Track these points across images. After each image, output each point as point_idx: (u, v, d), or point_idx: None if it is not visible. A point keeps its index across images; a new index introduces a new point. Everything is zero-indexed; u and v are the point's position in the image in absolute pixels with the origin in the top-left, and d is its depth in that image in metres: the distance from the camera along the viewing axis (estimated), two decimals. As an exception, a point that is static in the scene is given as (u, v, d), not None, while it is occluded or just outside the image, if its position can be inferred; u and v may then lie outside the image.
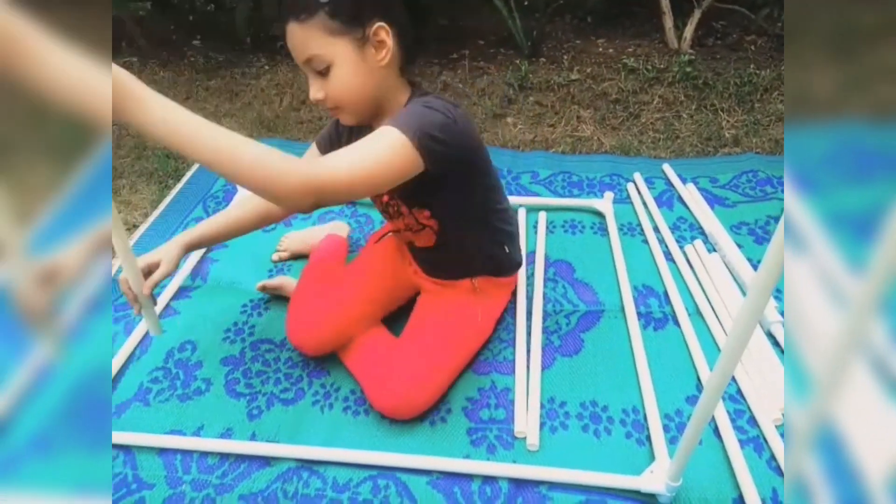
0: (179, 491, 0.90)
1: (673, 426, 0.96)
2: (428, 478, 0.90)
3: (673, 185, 1.57)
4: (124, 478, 0.92)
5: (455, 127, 0.80)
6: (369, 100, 0.85)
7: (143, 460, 0.94)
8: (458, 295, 1.09)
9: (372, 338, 1.08)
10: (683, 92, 2.03)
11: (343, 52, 0.78)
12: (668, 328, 1.14)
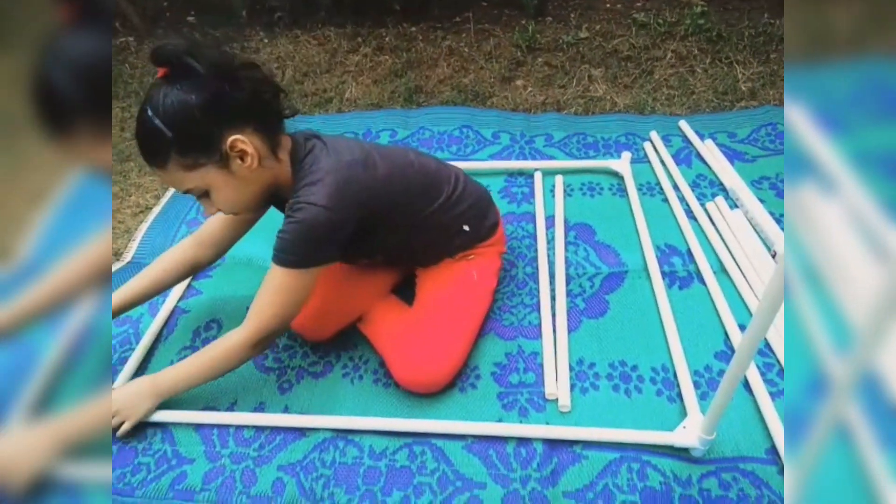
0: (219, 464, 0.91)
1: (703, 382, 0.96)
2: (463, 442, 0.91)
3: (690, 141, 1.54)
4: (164, 454, 0.93)
5: (333, 216, 0.82)
6: (259, 196, 0.87)
7: (181, 436, 0.95)
8: (450, 264, 1.09)
9: (385, 310, 1.09)
10: (697, 45, 1.97)
11: (211, 177, 0.80)
12: (694, 286, 1.13)
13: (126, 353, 1.10)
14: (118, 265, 1.33)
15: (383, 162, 0.91)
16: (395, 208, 0.93)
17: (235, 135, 0.78)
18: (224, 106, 0.76)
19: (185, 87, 0.74)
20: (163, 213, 1.46)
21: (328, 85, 2.01)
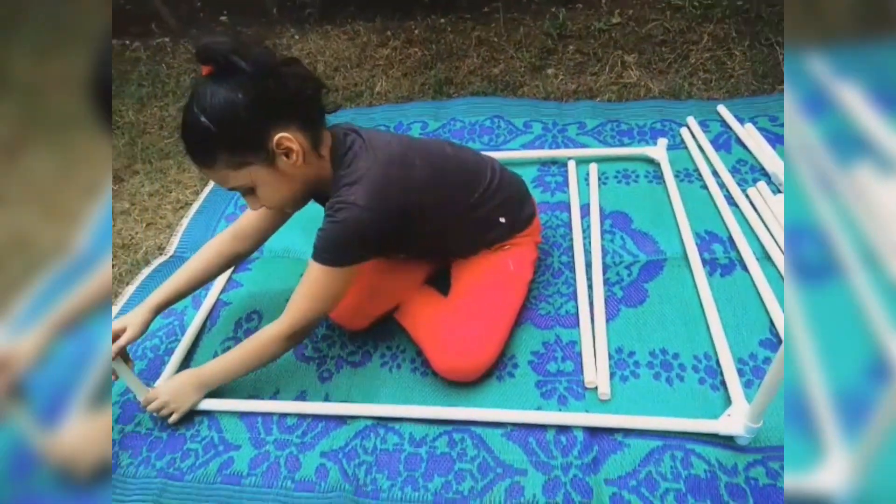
0: (264, 451, 0.94)
1: (748, 370, 0.94)
2: (502, 430, 0.91)
3: (730, 126, 1.50)
4: (211, 440, 0.96)
5: (373, 216, 0.83)
6: (301, 193, 0.89)
7: (227, 424, 0.98)
8: (486, 254, 1.08)
9: (421, 300, 1.09)
10: (734, 27, 1.91)
11: (257, 174, 0.81)
12: (736, 273, 1.10)
13: (172, 344, 1.14)
14: (162, 259, 1.37)
15: (422, 160, 0.91)
16: (433, 206, 0.93)
17: (281, 132, 0.79)
18: (269, 104, 0.77)
19: (230, 86, 0.75)
20: (202, 209, 1.50)
21: (359, 79, 2.02)
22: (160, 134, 1.89)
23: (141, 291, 1.27)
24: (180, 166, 1.72)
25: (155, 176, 1.68)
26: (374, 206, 0.82)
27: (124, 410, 1.03)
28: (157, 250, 1.42)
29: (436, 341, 0.99)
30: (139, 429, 0.99)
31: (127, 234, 1.48)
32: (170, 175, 1.69)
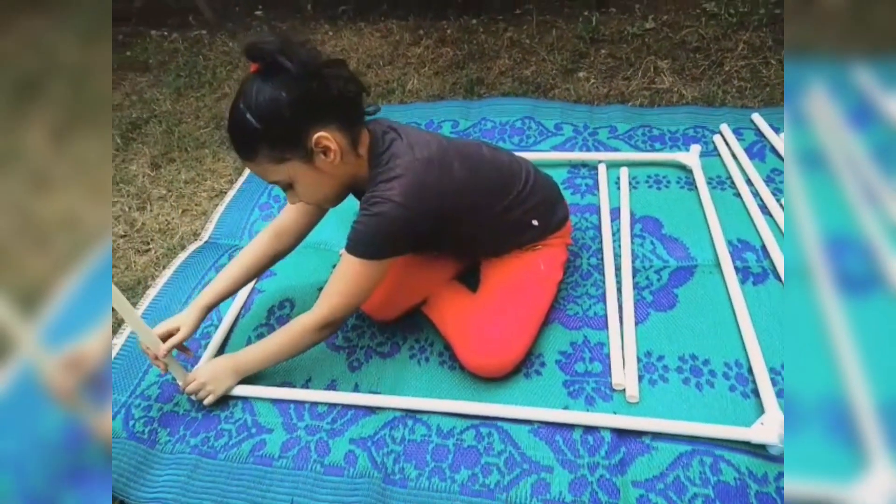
0: (295, 435, 0.96)
1: (780, 380, 0.94)
2: (529, 427, 0.92)
3: (764, 135, 1.49)
4: (245, 422, 0.99)
5: (408, 213, 0.85)
6: (338, 190, 0.92)
7: (260, 408, 1.01)
8: (517, 254, 1.09)
9: (449, 295, 1.11)
10: (771, 36, 1.89)
11: (296, 170, 0.84)
12: (769, 282, 1.10)
13: (209, 328, 1.17)
14: (197, 244, 1.41)
15: (460, 162, 0.92)
16: (468, 209, 0.95)
17: (321, 131, 0.81)
18: (311, 104, 0.80)
19: (275, 84, 0.77)
20: (237, 197, 1.54)
21: (391, 76, 2.05)
22: (196, 124, 1.93)
23: (177, 275, 1.31)
24: (215, 156, 1.76)
25: (191, 164, 1.73)
26: (411, 205, 0.84)
27: (163, 391, 1.06)
28: (192, 236, 1.45)
29: (464, 337, 1.01)
30: (177, 409, 1.02)
31: (163, 220, 1.52)
32: (205, 164, 1.72)
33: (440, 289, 1.12)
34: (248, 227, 1.43)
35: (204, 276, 1.29)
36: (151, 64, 2.38)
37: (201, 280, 1.28)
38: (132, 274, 1.35)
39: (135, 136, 1.91)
